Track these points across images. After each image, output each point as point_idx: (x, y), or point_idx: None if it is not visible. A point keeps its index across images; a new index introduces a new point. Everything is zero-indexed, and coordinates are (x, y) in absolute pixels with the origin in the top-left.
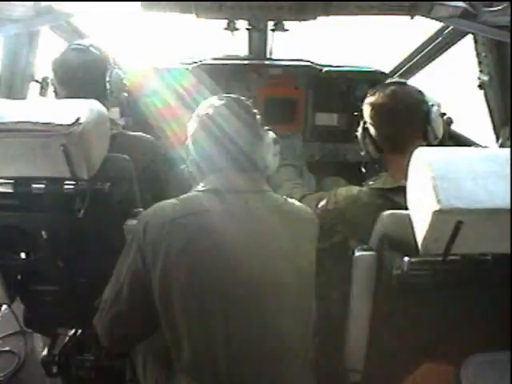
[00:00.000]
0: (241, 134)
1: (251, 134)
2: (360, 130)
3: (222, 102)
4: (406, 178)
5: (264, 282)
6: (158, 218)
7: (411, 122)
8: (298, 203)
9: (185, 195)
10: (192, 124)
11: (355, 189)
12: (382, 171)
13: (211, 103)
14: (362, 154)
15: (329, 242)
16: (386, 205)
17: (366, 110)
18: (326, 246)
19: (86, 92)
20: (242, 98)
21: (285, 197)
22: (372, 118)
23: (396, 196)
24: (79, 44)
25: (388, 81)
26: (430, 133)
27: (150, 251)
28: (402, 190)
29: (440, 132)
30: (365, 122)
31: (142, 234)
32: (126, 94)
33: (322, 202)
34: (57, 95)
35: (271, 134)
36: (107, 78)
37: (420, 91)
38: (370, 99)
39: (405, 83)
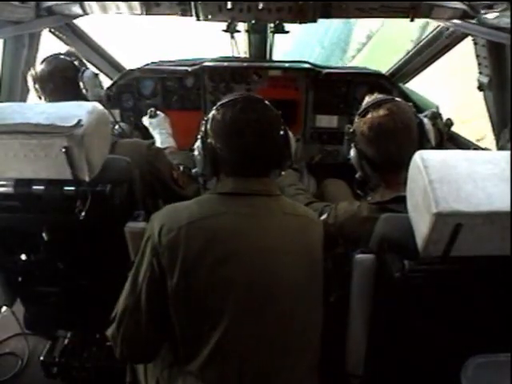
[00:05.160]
0: (261, 137)
1: (271, 136)
2: (353, 153)
3: (242, 102)
4: (403, 187)
5: (280, 283)
6: (173, 220)
7: (410, 139)
8: (306, 208)
9: (200, 197)
10: (209, 125)
11: (355, 204)
12: (380, 185)
13: (230, 104)
14: (358, 175)
15: (331, 253)
16: None
17: (362, 132)
18: (328, 255)
19: (62, 95)
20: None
21: (294, 201)
22: (370, 140)
23: (394, 206)
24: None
25: (374, 98)
26: (426, 144)
27: (166, 254)
28: (400, 200)
29: (433, 139)
30: (356, 145)
31: (157, 238)
32: (102, 91)
33: (324, 216)
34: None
35: (291, 135)
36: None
37: (410, 105)
38: (364, 121)
39: (394, 99)
